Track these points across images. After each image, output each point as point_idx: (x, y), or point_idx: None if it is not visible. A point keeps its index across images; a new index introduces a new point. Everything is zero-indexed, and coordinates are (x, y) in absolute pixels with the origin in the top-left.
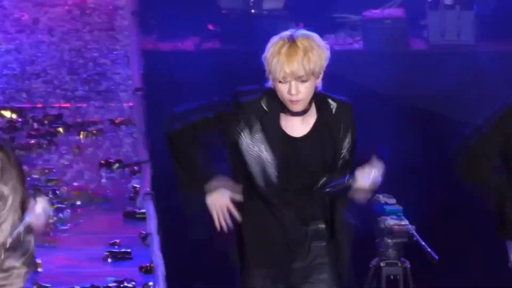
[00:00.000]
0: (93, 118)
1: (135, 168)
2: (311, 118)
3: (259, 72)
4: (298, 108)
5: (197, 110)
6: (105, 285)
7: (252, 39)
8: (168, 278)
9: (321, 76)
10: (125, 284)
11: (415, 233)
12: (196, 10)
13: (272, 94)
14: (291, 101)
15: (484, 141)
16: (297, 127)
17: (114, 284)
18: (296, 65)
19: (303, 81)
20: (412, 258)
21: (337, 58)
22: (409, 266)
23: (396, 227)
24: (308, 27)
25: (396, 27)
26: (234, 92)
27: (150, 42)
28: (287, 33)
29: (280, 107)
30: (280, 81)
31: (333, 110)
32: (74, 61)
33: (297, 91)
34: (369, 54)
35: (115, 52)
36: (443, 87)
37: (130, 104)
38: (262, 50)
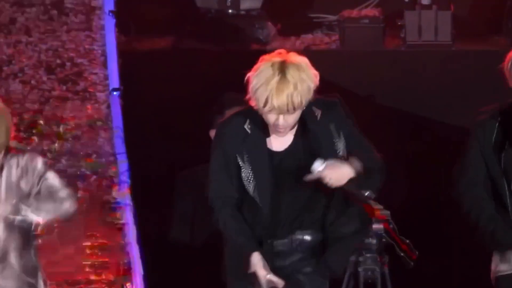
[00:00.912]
0: (70, 118)
1: (113, 168)
2: (292, 131)
3: (235, 72)
4: (283, 134)
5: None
6: (83, 285)
7: (229, 38)
8: (146, 278)
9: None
10: (103, 284)
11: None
12: (173, 10)
13: (255, 115)
14: (277, 130)
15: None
16: (278, 140)
17: (92, 285)
18: (285, 100)
19: (290, 114)
20: (390, 259)
21: (314, 58)
22: (387, 266)
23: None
24: (286, 27)
25: (373, 27)
26: (218, 128)
27: (127, 41)
28: (277, 60)
29: (263, 125)
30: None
31: (318, 117)
32: (51, 61)
33: (284, 123)
34: (346, 53)
35: (92, 52)
36: (421, 86)
37: (108, 104)
38: (240, 49)
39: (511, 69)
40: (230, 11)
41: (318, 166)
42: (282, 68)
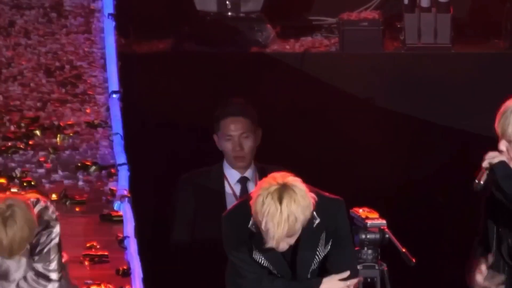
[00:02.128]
0: (69, 120)
1: (112, 170)
2: None
3: (235, 75)
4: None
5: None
6: None
7: (229, 41)
8: (145, 281)
9: None
10: (102, 287)
11: (387, 231)
12: (173, 13)
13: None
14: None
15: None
16: None
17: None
18: (286, 232)
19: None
20: (390, 262)
21: (313, 61)
22: (386, 269)
23: (369, 221)
24: (286, 29)
25: (372, 29)
26: (223, 220)
27: (127, 44)
28: (275, 191)
29: None
30: None
31: (315, 224)
32: (50, 63)
33: (283, 247)
34: (346, 56)
35: (91, 55)
36: (420, 89)
37: (107, 106)
38: (239, 52)
39: (504, 123)
40: (229, 13)
41: None
42: (281, 200)
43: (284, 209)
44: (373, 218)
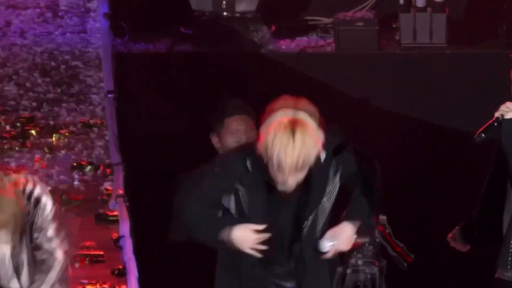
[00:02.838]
0: (65, 120)
1: (107, 170)
2: None
3: (230, 75)
4: (287, 190)
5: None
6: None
7: (224, 41)
8: (141, 281)
9: None
10: (98, 287)
11: (382, 230)
12: (168, 13)
13: (258, 158)
14: (280, 184)
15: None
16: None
17: (87, 287)
18: (300, 163)
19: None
20: (389, 261)
21: (309, 61)
22: (379, 270)
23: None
24: (281, 29)
25: (368, 29)
26: (218, 160)
27: (122, 44)
28: (288, 120)
29: (265, 169)
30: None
31: (322, 159)
32: (46, 63)
33: (292, 182)
34: (341, 56)
35: (87, 55)
36: (415, 88)
37: (102, 106)
38: (234, 52)
39: None
40: (225, 13)
41: (327, 246)
42: (294, 130)
43: (297, 139)
44: None
